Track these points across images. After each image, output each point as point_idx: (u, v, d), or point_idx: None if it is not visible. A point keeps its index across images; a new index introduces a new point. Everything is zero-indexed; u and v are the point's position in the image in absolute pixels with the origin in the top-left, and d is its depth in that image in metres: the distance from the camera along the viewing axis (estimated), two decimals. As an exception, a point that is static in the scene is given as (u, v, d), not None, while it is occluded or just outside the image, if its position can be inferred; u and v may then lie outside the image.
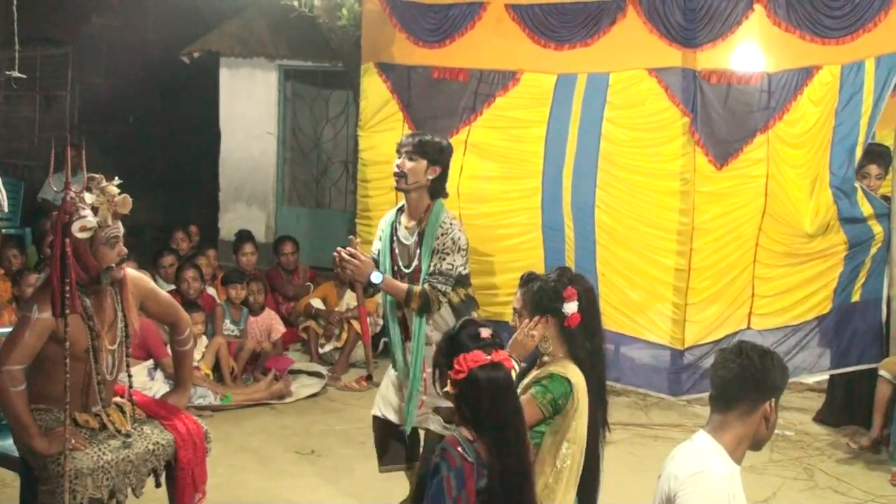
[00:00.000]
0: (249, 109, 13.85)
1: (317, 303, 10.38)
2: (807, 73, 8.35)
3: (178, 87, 15.21)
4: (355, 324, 9.90)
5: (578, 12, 8.99)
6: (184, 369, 5.75)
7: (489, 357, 3.75)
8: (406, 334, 5.92)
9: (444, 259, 5.70)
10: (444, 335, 3.92)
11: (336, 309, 10.27)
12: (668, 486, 3.76)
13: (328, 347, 10.24)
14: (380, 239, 5.97)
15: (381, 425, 6.04)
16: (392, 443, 6.04)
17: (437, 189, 5.90)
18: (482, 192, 9.41)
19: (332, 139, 13.79)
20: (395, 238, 5.89)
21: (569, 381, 4.35)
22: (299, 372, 9.67)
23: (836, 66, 8.25)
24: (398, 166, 5.86)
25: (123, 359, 5.35)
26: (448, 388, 3.77)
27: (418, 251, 5.77)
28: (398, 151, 5.93)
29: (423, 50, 9.69)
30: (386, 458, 6.04)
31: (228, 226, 13.64)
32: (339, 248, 5.73)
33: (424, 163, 5.85)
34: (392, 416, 5.96)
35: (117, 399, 5.43)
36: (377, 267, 5.80)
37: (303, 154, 14.02)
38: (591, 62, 8.94)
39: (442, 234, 5.76)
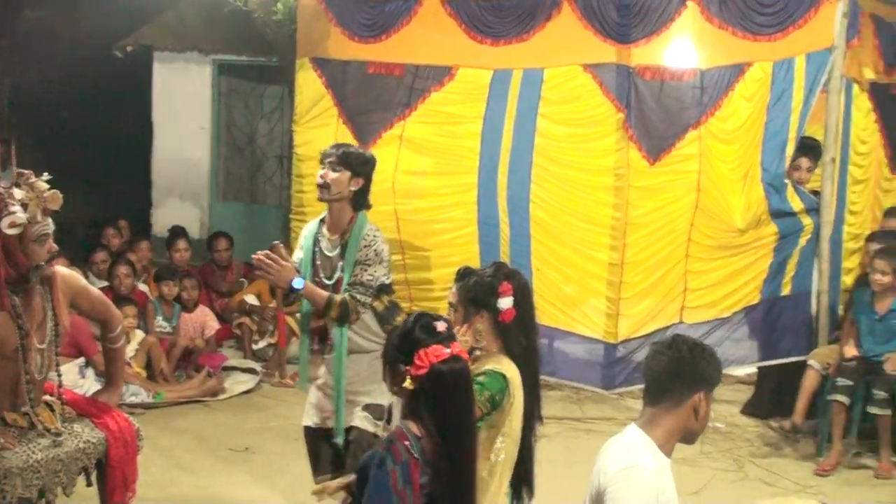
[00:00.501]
0: (183, 104, 13.73)
1: (251, 299, 10.32)
2: (739, 70, 8.44)
3: (111, 81, 15.05)
4: (289, 319, 9.86)
5: (514, 8, 9.01)
6: (115, 366, 5.68)
7: (448, 350, 3.72)
8: (323, 344, 5.88)
9: (365, 270, 5.67)
10: (397, 331, 3.85)
11: (270, 305, 10.21)
12: (599, 480, 3.77)
13: (262, 344, 10.19)
14: (301, 248, 5.92)
15: (313, 434, 5.99)
16: (326, 450, 5.97)
17: (359, 201, 5.86)
18: (417, 187, 9.41)
19: (266, 134, 13.73)
20: (317, 249, 5.85)
21: (504, 376, 4.34)
22: (233, 369, 9.61)
23: (767, 62, 8.35)
24: (321, 177, 5.81)
25: (53, 358, 5.27)
26: (406, 384, 3.69)
27: (341, 263, 5.74)
28: (321, 162, 5.89)
29: (358, 45, 9.67)
30: (322, 467, 5.98)
31: (162, 222, 13.53)
32: (258, 252, 5.67)
33: (348, 174, 5.80)
34: (321, 422, 5.90)
35: (47, 397, 5.36)
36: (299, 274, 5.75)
37: (237, 149, 13.94)
38: (526, 58, 8.97)
39: (365, 247, 5.73)
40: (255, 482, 7.09)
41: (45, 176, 5.05)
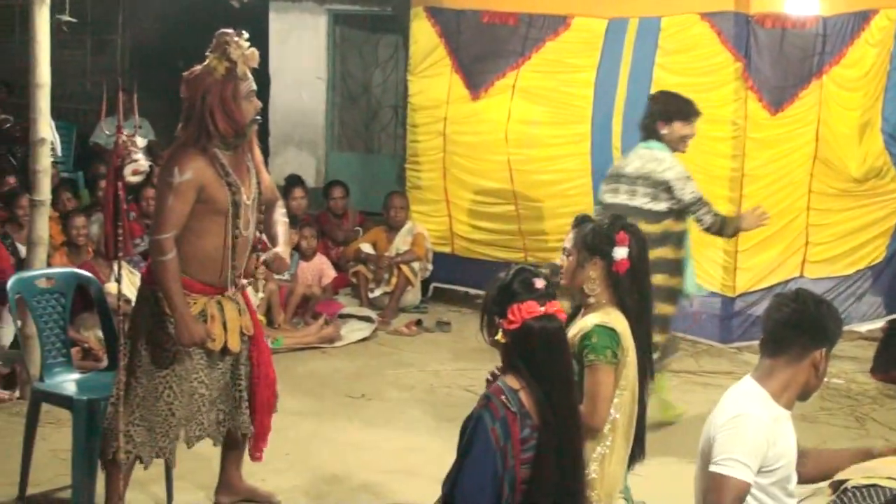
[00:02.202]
0: (299, 54, 13.83)
1: (366, 248, 10.39)
2: (864, 17, 8.27)
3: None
4: (405, 268, 9.94)
5: (630, -45, 8.91)
6: (284, 231, 5.61)
7: (543, 308, 3.73)
8: None
9: None
10: (497, 282, 3.89)
11: (386, 254, 10.28)
12: (710, 430, 3.77)
13: (378, 292, 10.26)
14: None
15: None
16: None
17: None
18: (530, 137, 9.40)
19: (381, 84, 13.77)
20: None
21: (614, 329, 4.29)
22: (349, 316, 9.70)
23: (893, 10, 8.15)
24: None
25: (258, 216, 5.35)
26: (498, 337, 3.75)
27: None
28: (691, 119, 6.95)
29: (472, -6, 9.66)
30: None
31: (278, 171, 13.66)
32: None
33: None
34: None
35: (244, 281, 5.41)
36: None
37: (352, 99, 14.01)
38: (642, 6, 8.88)
39: None
40: (370, 428, 7.17)
41: (245, 34, 5.15)
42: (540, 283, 3.78)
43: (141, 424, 5.11)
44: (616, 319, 4.31)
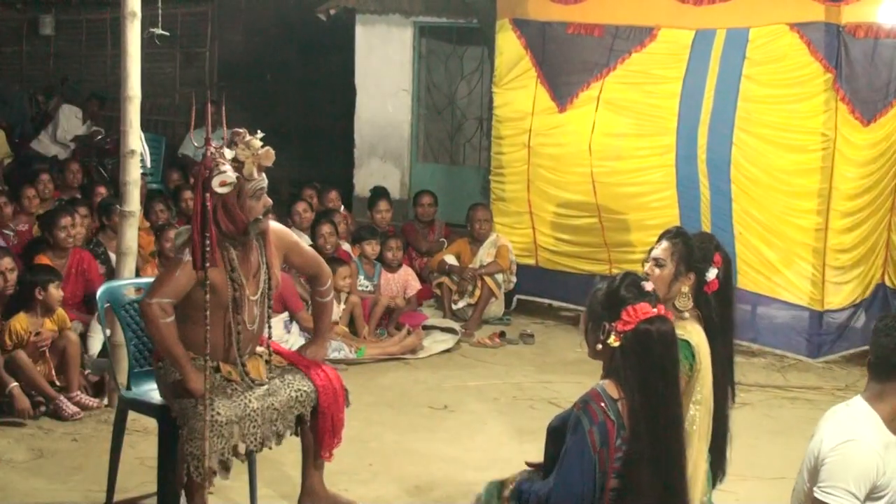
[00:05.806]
0: (384, 66, 13.91)
1: (450, 259, 10.38)
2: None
3: (314, 44, 15.33)
4: (489, 280, 9.93)
5: (718, -34, 8.82)
6: (323, 321, 5.82)
7: (655, 310, 3.73)
8: None
9: None
10: (601, 288, 3.87)
11: (469, 266, 10.27)
12: (818, 450, 3.71)
13: (461, 304, 10.25)
14: None
15: None
16: None
17: None
18: (614, 149, 9.35)
19: (466, 96, 13.79)
20: None
21: (689, 343, 4.29)
22: (433, 328, 9.70)
23: None
24: None
25: (265, 310, 5.45)
26: (612, 341, 3.71)
27: None
28: None
29: (558, 6, 9.63)
30: None
31: (363, 182, 13.77)
32: None
33: None
34: None
35: (259, 349, 5.53)
36: None
37: (437, 111, 14.05)
38: (730, 17, 8.77)
39: None
40: (453, 439, 7.16)
41: (260, 134, 5.23)
42: (649, 286, 3.80)
43: (192, 437, 5.13)
44: (693, 332, 4.33)
